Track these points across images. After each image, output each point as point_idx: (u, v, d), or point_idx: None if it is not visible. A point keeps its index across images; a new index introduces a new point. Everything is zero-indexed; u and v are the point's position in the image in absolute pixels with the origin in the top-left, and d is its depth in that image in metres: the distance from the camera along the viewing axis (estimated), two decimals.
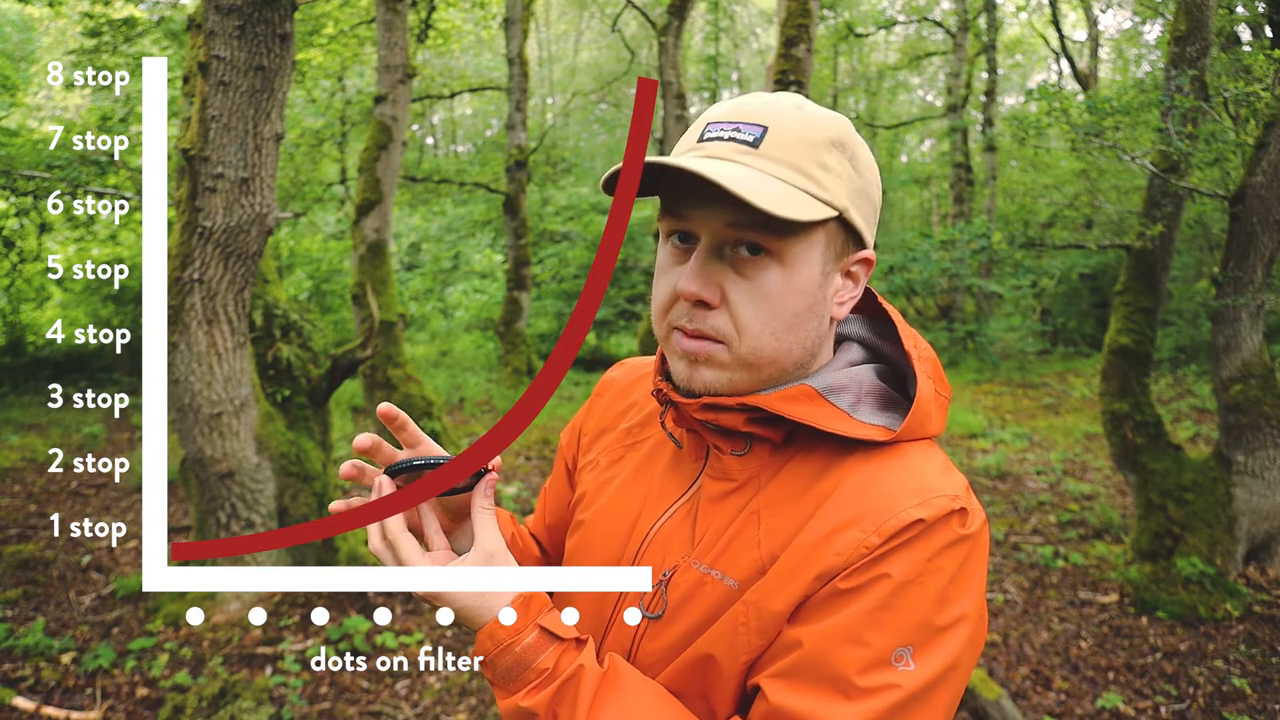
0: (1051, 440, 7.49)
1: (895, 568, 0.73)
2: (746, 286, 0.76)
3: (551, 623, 0.79)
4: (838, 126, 0.79)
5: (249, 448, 3.63)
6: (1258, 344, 4.07)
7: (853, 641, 0.72)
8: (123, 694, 3.13)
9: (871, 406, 0.82)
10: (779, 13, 4.53)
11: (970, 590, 0.75)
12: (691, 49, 17.04)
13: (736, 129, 0.77)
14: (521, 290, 10.54)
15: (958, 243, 5.39)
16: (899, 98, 20.07)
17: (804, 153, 0.76)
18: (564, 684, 0.75)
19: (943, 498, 0.75)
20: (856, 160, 0.80)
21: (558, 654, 0.77)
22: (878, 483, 0.77)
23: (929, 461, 0.80)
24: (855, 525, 0.75)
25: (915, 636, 0.72)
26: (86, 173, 4.35)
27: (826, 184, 0.76)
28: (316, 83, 10.90)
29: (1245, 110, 4.21)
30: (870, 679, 0.71)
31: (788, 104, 0.79)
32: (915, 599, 0.73)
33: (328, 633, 3.55)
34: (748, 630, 0.77)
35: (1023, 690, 3.31)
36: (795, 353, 0.80)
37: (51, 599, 3.95)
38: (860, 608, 0.72)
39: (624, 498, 0.93)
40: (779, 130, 0.77)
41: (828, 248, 0.78)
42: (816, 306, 0.79)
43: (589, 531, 0.95)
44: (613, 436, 1.00)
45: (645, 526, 0.89)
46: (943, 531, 0.74)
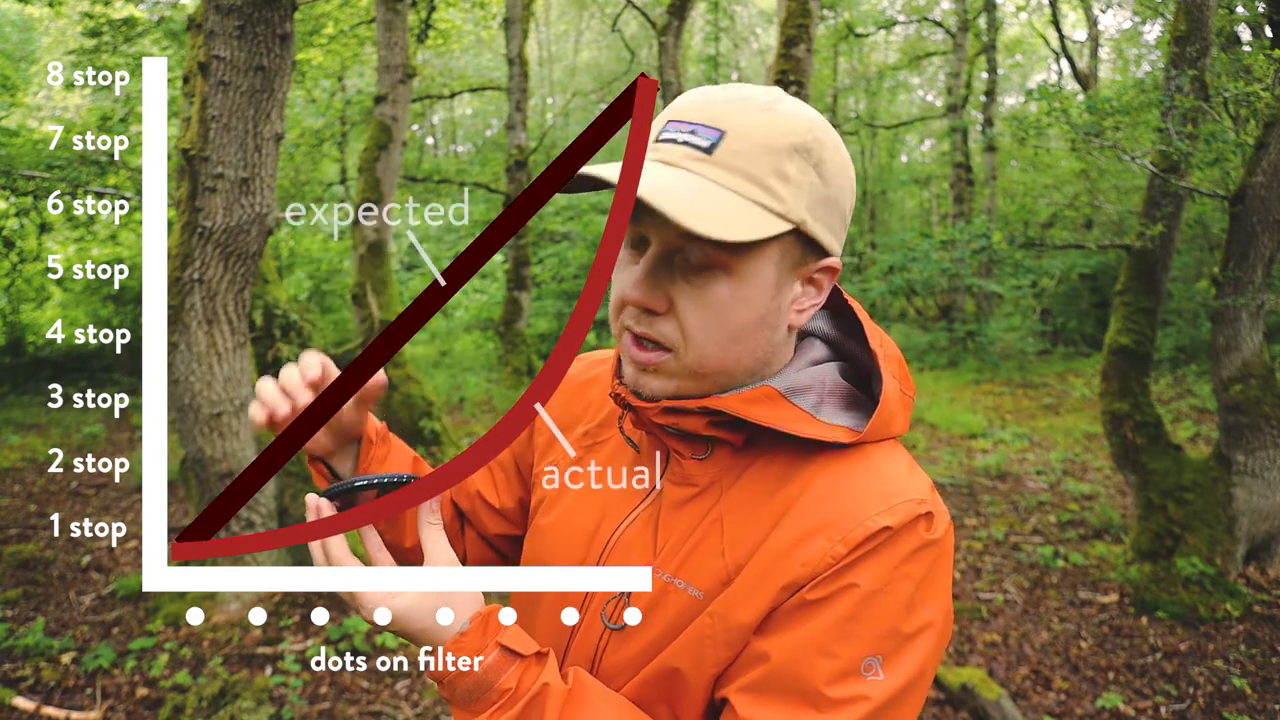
0: (1051, 440, 7.49)
1: (863, 577, 0.72)
2: (694, 295, 0.75)
3: (512, 639, 0.75)
4: (806, 129, 0.75)
5: (249, 448, 3.63)
6: (1258, 344, 4.07)
7: (821, 653, 0.71)
8: (123, 694, 3.13)
9: (835, 406, 0.81)
10: (779, 13, 4.54)
11: (936, 596, 0.75)
12: (691, 49, 17.04)
13: (693, 131, 0.74)
14: (521, 290, 10.54)
15: (958, 243, 5.39)
16: (899, 98, 20.07)
17: (761, 161, 0.72)
18: (528, 704, 0.72)
19: (909, 502, 0.74)
20: (822, 166, 0.75)
21: (520, 672, 0.74)
22: (843, 488, 0.76)
23: (894, 463, 0.78)
24: (821, 534, 0.73)
25: (884, 646, 0.72)
26: (86, 173, 4.35)
27: (783, 195, 0.72)
28: (316, 83, 10.91)
29: (1245, 110, 4.22)
30: (840, 690, 0.71)
31: (756, 103, 0.75)
32: (883, 608, 0.72)
33: (328, 633, 3.56)
34: (714, 643, 0.76)
35: (1023, 690, 3.31)
36: (745, 362, 0.78)
37: (51, 599, 3.95)
38: (828, 619, 0.72)
39: (584, 503, 0.90)
40: (737, 135, 0.73)
41: (783, 259, 0.75)
42: (768, 317, 0.77)
43: (549, 537, 0.92)
44: (571, 438, 0.97)
45: (606, 533, 0.87)
46: (909, 538, 0.73)
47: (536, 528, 0.95)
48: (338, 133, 11.32)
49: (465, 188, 12.47)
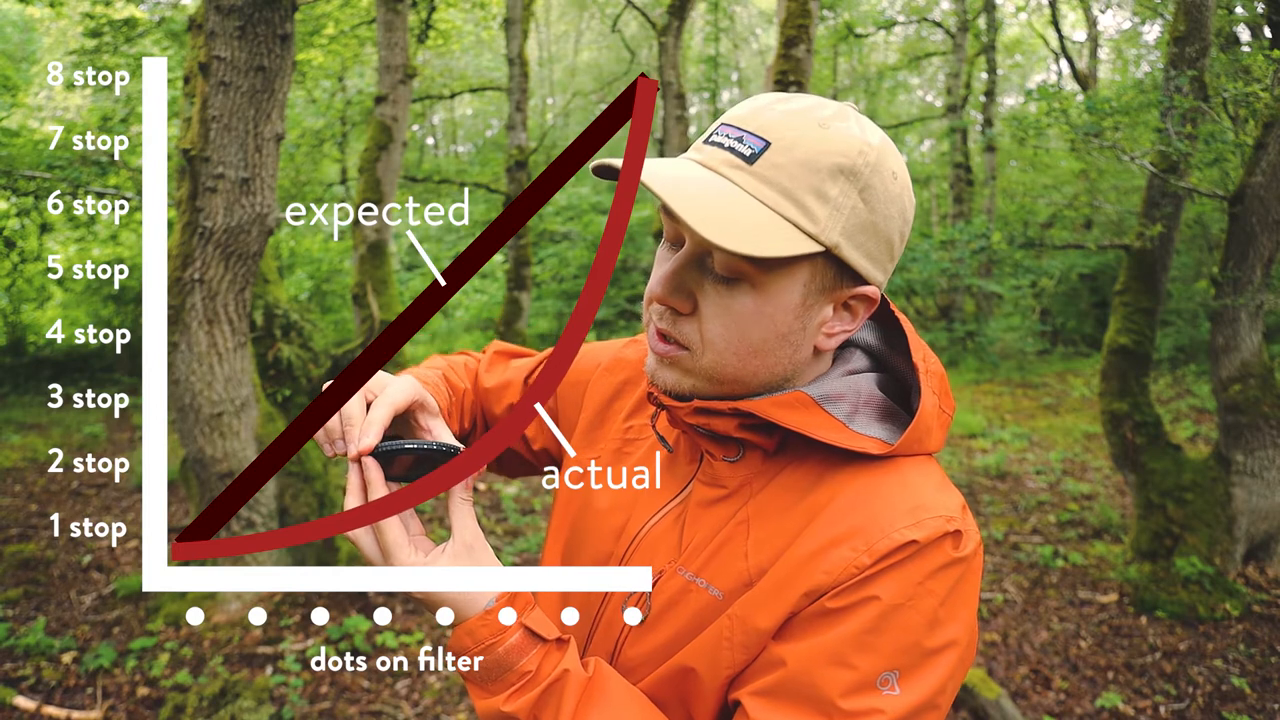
0: (1051, 440, 7.49)
1: (885, 590, 0.71)
2: (719, 303, 0.74)
3: (536, 622, 0.76)
4: (857, 151, 0.71)
5: (249, 448, 3.64)
6: (1257, 344, 4.08)
7: (838, 663, 0.70)
8: (123, 693, 3.13)
9: (869, 417, 0.80)
10: (779, 13, 4.54)
11: (962, 615, 0.74)
12: (691, 49, 17.04)
13: (740, 138, 0.73)
14: (521, 290, 10.55)
15: (957, 243, 5.39)
16: (899, 98, 20.06)
17: (801, 177, 0.70)
18: (548, 688, 0.73)
19: (938, 518, 0.73)
20: (869, 192, 0.72)
21: (541, 656, 0.74)
22: (872, 499, 0.75)
23: (926, 478, 0.77)
24: (846, 543, 0.73)
25: (902, 661, 0.71)
26: (87, 173, 4.35)
27: (818, 215, 0.70)
28: (317, 83, 10.91)
29: (1244, 110, 4.21)
30: (854, 703, 0.70)
31: (814, 118, 0.72)
32: (904, 623, 0.71)
33: (328, 632, 3.56)
34: (731, 645, 0.75)
35: (1022, 690, 3.31)
36: (762, 375, 0.77)
37: (52, 599, 3.95)
38: (847, 629, 0.71)
39: (617, 495, 0.91)
40: (782, 148, 0.71)
41: (812, 280, 0.74)
42: (791, 336, 0.76)
43: (581, 527, 0.93)
44: (613, 428, 0.98)
45: (635, 527, 0.87)
46: (935, 554, 0.72)
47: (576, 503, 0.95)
48: (338, 133, 11.32)
49: (465, 188, 12.47)
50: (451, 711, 3.10)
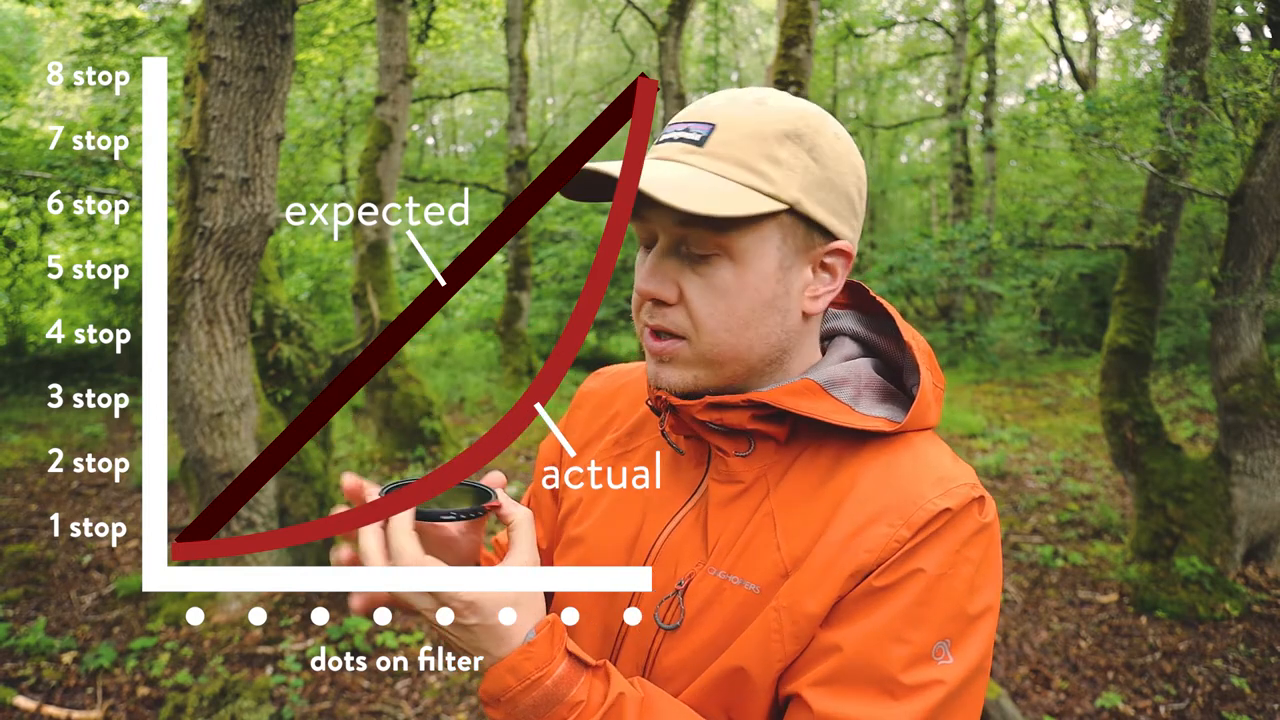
0: (1051, 440, 7.49)
1: (928, 561, 0.73)
2: (701, 283, 0.77)
3: (576, 648, 0.73)
4: (797, 117, 0.77)
5: (249, 448, 3.64)
6: (1257, 344, 4.08)
7: (895, 640, 0.71)
8: (124, 693, 3.13)
9: (871, 399, 0.82)
10: (779, 13, 4.54)
11: (992, 579, 0.76)
12: (691, 49, 17.04)
13: (686, 129, 0.77)
14: (521, 290, 10.55)
15: (957, 243, 5.39)
16: (899, 98, 20.07)
17: (751, 147, 0.75)
18: (605, 716, 0.70)
19: (963, 486, 0.76)
20: (817, 150, 0.76)
21: (589, 684, 0.71)
22: (896, 475, 0.77)
23: (940, 452, 0.80)
24: (883, 519, 0.74)
25: (951, 629, 0.73)
26: (87, 173, 4.35)
27: (774, 177, 0.74)
28: (317, 83, 10.91)
29: (1244, 110, 4.22)
30: (915, 675, 0.71)
31: (751, 98, 0.78)
32: (949, 591, 0.73)
33: (328, 632, 3.56)
34: (781, 636, 0.75)
35: (1022, 690, 3.31)
36: (758, 348, 0.79)
37: (52, 598, 3.95)
38: (898, 605, 0.72)
39: (620, 510, 0.90)
40: (727, 126, 0.76)
41: (784, 241, 0.77)
42: (777, 301, 0.78)
43: (587, 548, 0.91)
44: (599, 448, 0.97)
45: (649, 538, 0.86)
46: (967, 520, 0.75)
47: (572, 538, 0.94)
48: (338, 133, 11.33)
49: (465, 188, 12.47)
50: (451, 711, 3.10)
